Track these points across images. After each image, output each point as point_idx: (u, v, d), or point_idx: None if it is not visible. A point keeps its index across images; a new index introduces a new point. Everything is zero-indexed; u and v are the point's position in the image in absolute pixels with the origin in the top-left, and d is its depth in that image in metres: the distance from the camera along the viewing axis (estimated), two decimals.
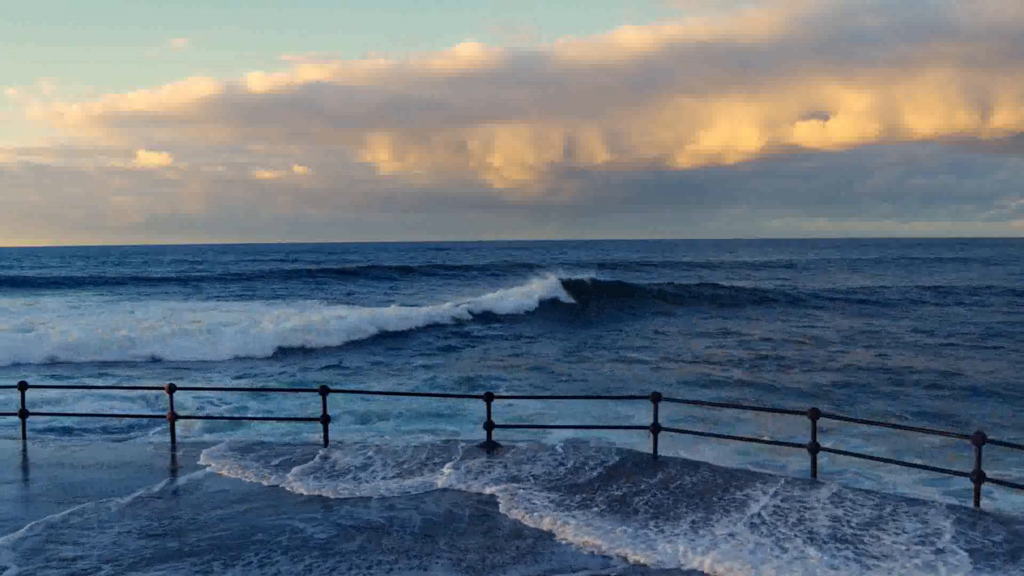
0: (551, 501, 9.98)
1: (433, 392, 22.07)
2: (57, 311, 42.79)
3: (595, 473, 11.22)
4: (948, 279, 70.51)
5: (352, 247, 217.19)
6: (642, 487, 10.55)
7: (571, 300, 45.95)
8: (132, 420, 16.90)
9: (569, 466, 11.55)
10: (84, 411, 17.06)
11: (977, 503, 9.66)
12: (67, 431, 16.73)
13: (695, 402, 17.90)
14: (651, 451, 12.08)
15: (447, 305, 41.10)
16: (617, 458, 11.89)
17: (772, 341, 32.71)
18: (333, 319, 34.60)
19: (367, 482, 10.94)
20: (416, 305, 42.32)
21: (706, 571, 7.95)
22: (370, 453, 12.28)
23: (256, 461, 11.93)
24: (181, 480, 11.00)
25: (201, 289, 63.01)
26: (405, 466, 11.65)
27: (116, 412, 16.64)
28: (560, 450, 12.42)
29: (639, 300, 48.79)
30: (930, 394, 21.37)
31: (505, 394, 19.58)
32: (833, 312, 44.81)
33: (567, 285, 47.50)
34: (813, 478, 10.87)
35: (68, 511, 9.62)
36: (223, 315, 38.03)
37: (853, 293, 54.93)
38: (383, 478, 11.09)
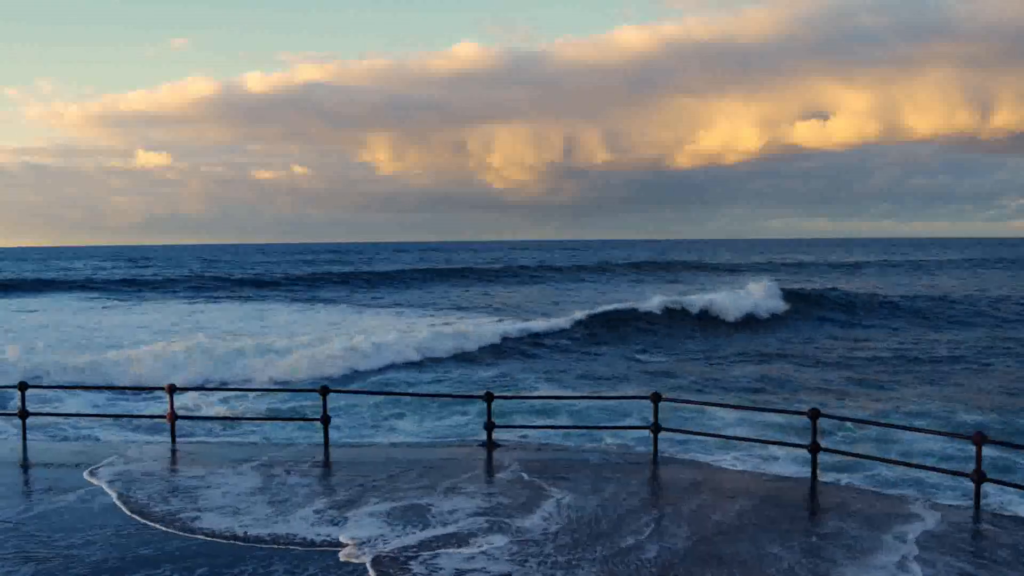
0: None
1: (439, 393, 22.05)
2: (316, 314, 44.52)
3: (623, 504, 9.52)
4: None
5: (354, 247, 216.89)
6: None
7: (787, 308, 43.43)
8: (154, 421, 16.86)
9: (595, 496, 9.85)
10: (84, 411, 17.07)
11: (977, 504, 9.64)
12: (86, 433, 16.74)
13: (696, 402, 17.87)
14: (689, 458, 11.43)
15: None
16: (643, 486, 10.48)
17: None
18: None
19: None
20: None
21: None
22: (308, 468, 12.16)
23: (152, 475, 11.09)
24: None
25: (355, 294, 60.81)
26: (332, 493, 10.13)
27: (116, 412, 16.60)
28: (574, 457, 12.36)
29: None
30: None
31: (505, 394, 19.56)
32: None
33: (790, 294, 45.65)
34: (813, 479, 10.80)
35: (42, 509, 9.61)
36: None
37: None
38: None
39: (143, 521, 9.14)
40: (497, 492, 10.22)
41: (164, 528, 8.90)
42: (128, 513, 9.43)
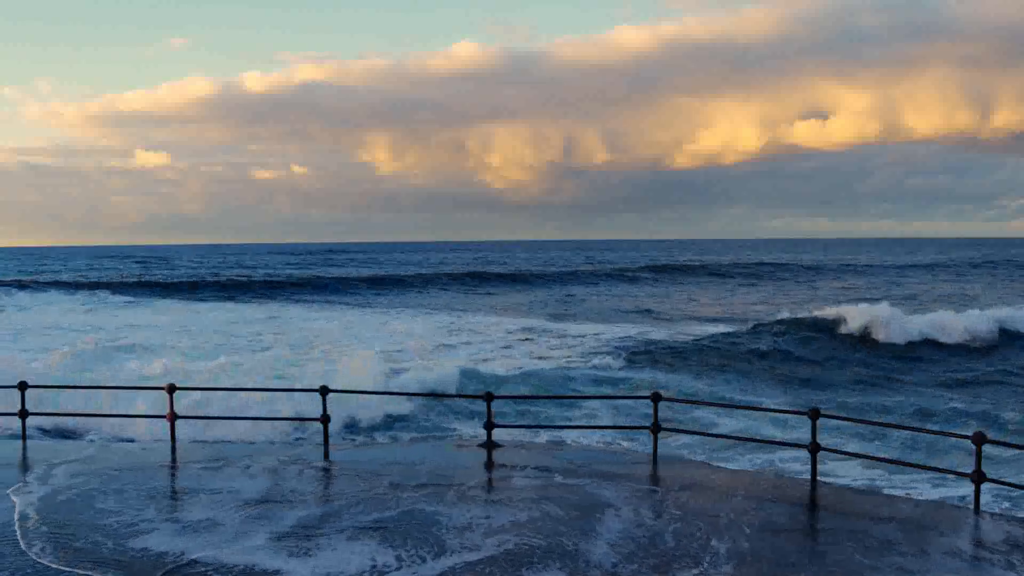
0: None
1: (437, 392, 22.04)
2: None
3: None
4: None
5: (358, 247, 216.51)
6: None
7: None
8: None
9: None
10: (85, 411, 17.06)
11: (977, 504, 9.63)
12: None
13: (695, 402, 17.90)
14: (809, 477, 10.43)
15: None
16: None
17: None
18: None
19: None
20: None
21: None
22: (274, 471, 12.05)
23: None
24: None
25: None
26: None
27: (116, 412, 16.58)
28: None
29: None
30: None
31: (505, 394, 19.57)
32: None
33: None
34: (813, 480, 10.77)
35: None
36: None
37: None
38: None
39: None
40: (511, 500, 9.60)
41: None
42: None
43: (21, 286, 62.24)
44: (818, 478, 10.72)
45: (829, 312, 34.68)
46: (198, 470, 11.29)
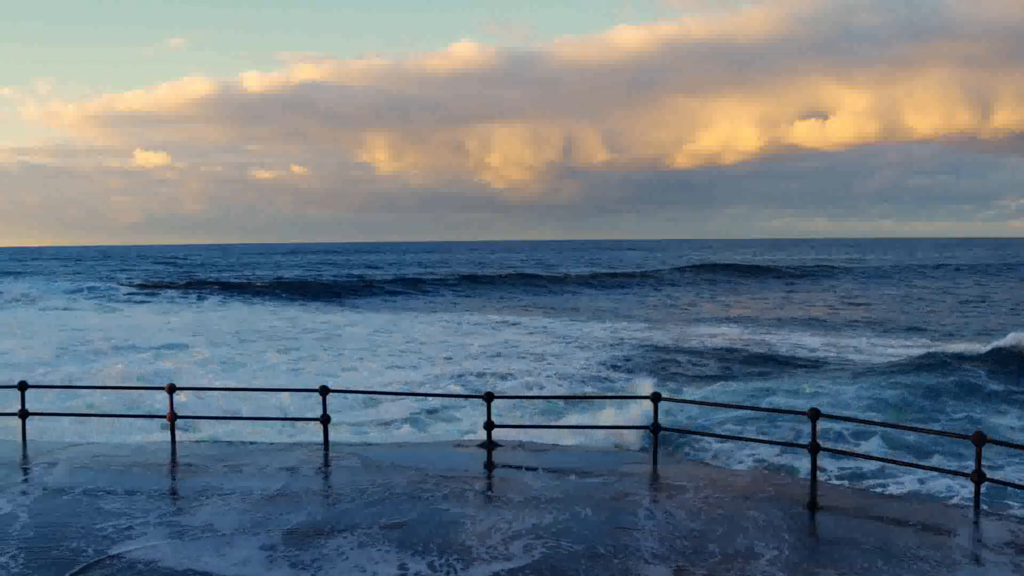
0: None
1: (434, 392, 22.07)
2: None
3: None
4: None
5: (359, 247, 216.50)
6: None
7: None
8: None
9: None
10: (84, 411, 17.08)
11: (977, 504, 9.64)
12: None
13: (695, 402, 17.90)
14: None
15: None
16: None
17: None
18: None
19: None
20: None
21: None
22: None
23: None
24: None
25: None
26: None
27: (115, 413, 16.60)
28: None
29: None
30: None
31: (505, 394, 19.59)
32: None
33: None
34: (813, 480, 10.77)
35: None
36: None
37: None
38: None
39: None
40: (537, 501, 9.43)
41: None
42: None
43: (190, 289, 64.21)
44: (818, 478, 10.73)
45: None
46: (198, 471, 11.27)
